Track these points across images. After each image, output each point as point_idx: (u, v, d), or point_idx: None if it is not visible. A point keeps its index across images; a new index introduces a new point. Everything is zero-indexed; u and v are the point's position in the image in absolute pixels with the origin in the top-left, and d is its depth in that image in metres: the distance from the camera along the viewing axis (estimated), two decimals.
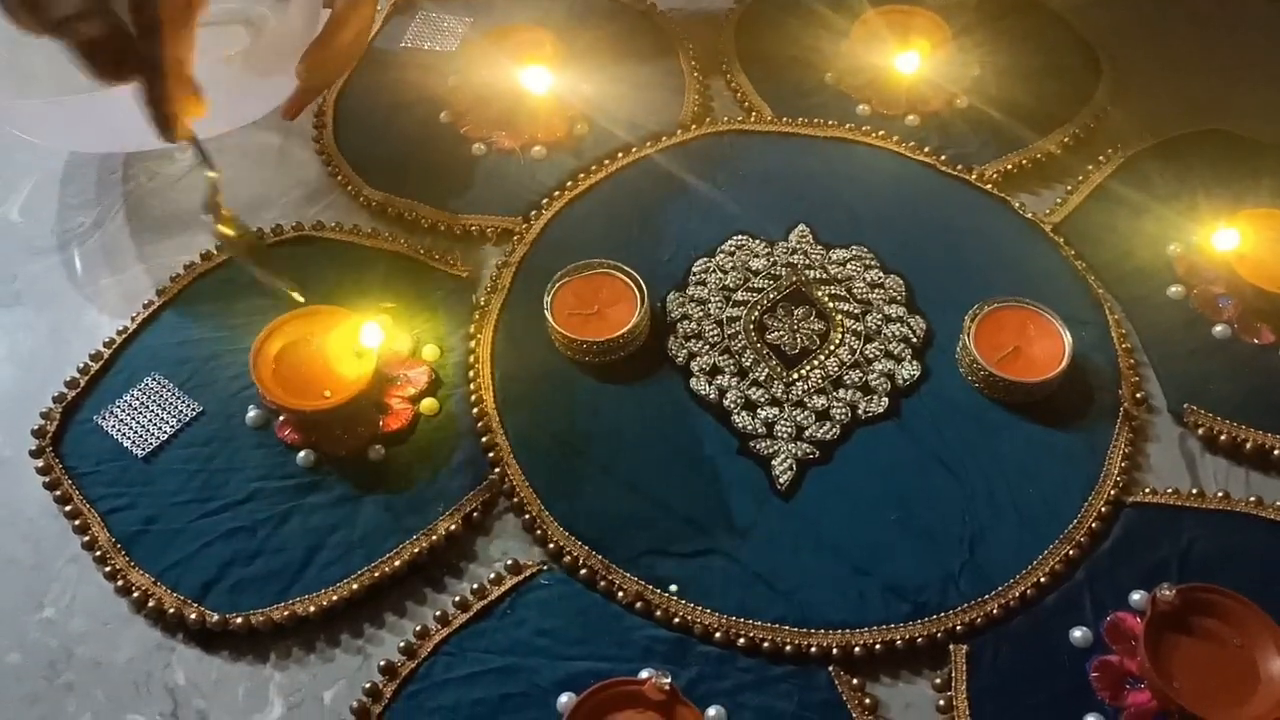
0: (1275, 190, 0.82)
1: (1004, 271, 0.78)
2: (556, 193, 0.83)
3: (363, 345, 0.71)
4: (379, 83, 0.90)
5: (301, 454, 0.69)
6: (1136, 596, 0.63)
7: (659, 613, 0.64)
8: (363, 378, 0.69)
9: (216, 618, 0.63)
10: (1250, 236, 0.75)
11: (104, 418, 0.71)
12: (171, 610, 0.64)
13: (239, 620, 0.63)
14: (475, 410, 0.72)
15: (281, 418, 0.70)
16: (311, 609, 0.64)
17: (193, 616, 0.63)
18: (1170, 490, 0.69)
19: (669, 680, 0.57)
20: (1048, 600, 0.65)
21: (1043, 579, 0.65)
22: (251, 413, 0.71)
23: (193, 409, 0.72)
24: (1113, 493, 0.68)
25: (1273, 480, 0.70)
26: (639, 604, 0.64)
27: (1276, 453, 0.70)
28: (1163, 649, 0.60)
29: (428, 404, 0.72)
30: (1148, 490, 0.69)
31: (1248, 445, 0.70)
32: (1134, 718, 0.60)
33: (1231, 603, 0.60)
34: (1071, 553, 0.66)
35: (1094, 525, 0.67)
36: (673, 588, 0.64)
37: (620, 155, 0.85)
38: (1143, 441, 0.72)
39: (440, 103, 0.88)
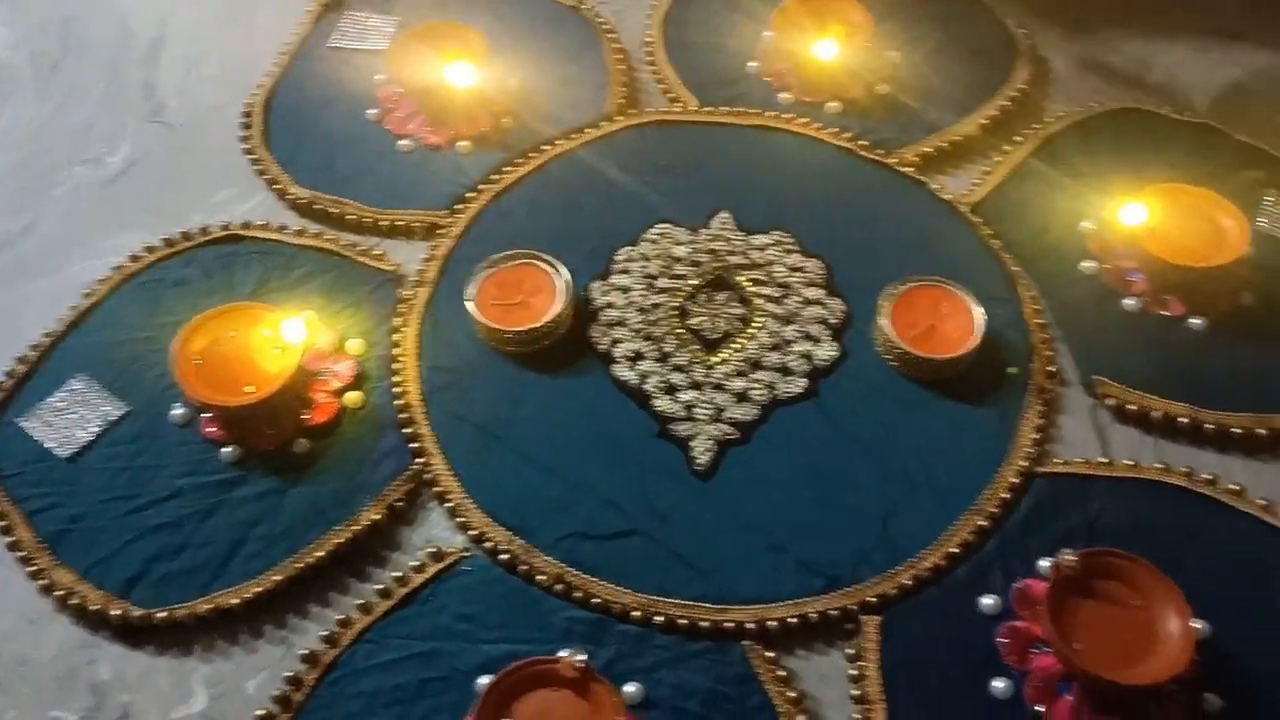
0: (1187, 165, 0.83)
1: (922, 252, 0.80)
2: (482, 186, 0.84)
3: (285, 340, 0.71)
4: (306, 83, 0.91)
5: (226, 450, 0.70)
6: (1044, 564, 0.65)
7: (579, 594, 0.65)
8: (284, 373, 0.70)
9: (140, 613, 0.64)
10: (1157, 211, 0.77)
11: (29, 420, 0.71)
12: (96, 607, 0.64)
13: (163, 615, 0.64)
14: (399, 402, 0.73)
15: (206, 415, 0.71)
16: (234, 601, 0.65)
17: (117, 613, 0.64)
18: (1080, 460, 0.71)
19: (583, 658, 0.58)
20: (959, 570, 0.66)
21: (954, 550, 0.66)
22: (176, 411, 0.72)
23: (119, 409, 0.72)
24: (1023, 464, 0.70)
25: (1180, 448, 0.72)
26: (559, 586, 0.65)
27: (1184, 421, 0.71)
28: (1066, 613, 0.61)
29: (352, 397, 0.73)
30: (1058, 461, 0.71)
31: (1154, 414, 0.72)
32: (1040, 681, 0.61)
33: (1132, 566, 0.62)
34: (982, 523, 0.67)
35: (1004, 496, 0.68)
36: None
37: (546, 148, 0.87)
38: (1054, 414, 0.73)
39: (368, 100, 0.89)
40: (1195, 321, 0.76)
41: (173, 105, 0.92)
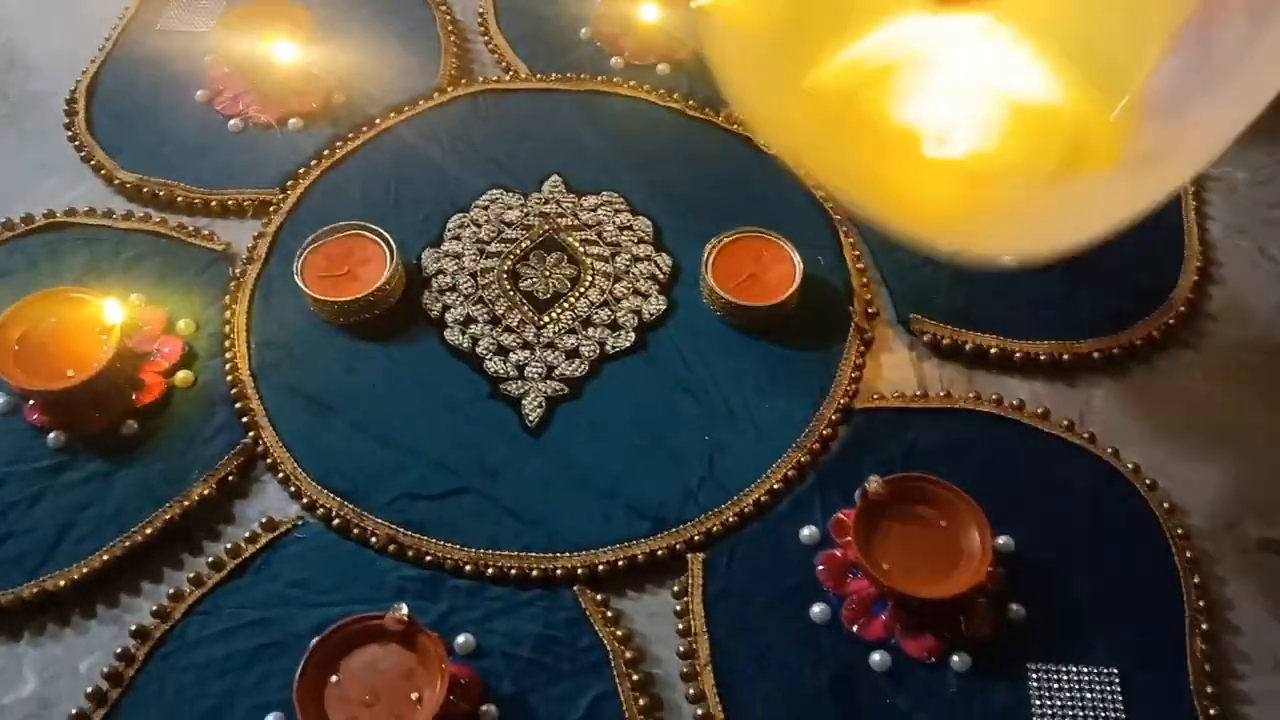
0: None
1: (749, 205, 0.82)
2: (314, 162, 0.84)
3: (105, 322, 0.71)
4: (133, 66, 0.90)
5: (52, 435, 0.70)
6: (859, 494, 0.67)
7: (411, 554, 0.66)
8: (104, 354, 0.69)
9: None
10: None
11: None
12: None
13: None
14: (230, 378, 0.73)
15: (30, 401, 0.70)
16: (62, 583, 0.64)
17: None
18: (897, 394, 0.74)
19: (404, 610, 0.59)
20: (780, 505, 0.68)
21: (776, 486, 0.69)
22: None
23: None
24: (843, 401, 0.72)
25: (992, 377, 0.75)
26: (391, 547, 0.66)
27: (994, 351, 0.75)
28: (875, 536, 0.64)
29: (182, 376, 0.73)
30: (877, 396, 0.74)
31: (967, 346, 0.75)
32: (856, 604, 0.64)
33: (935, 488, 0.65)
34: (803, 460, 0.70)
35: (825, 433, 0.71)
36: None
37: (378, 122, 0.87)
38: (875, 351, 0.76)
39: (196, 82, 0.89)
40: (1006, 257, 0.79)
41: None
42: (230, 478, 0.69)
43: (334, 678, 0.59)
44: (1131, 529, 0.67)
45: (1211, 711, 0.61)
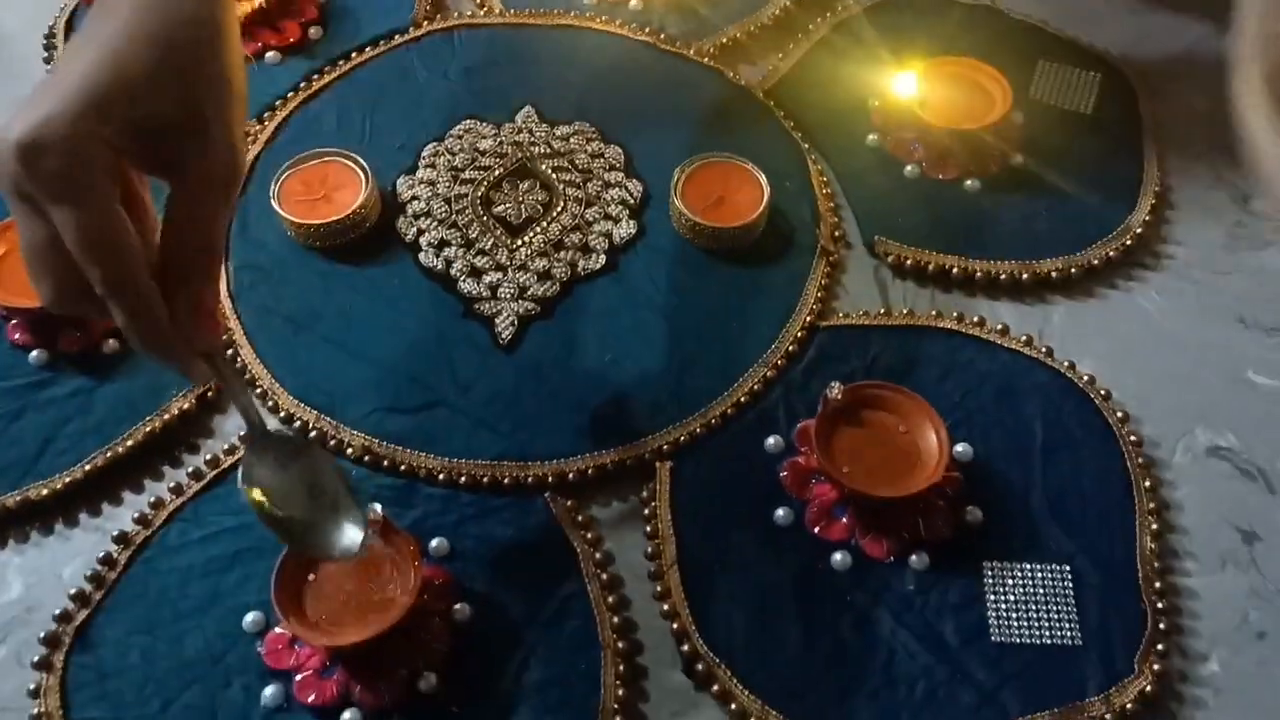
0: (970, 44, 0.88)
1: (717, 135, 0.84)
2: (290, 95, 0.85)
3: None
4: None
5: (34, 354, 0.71)
6: (821, 401, 0.69)
7: (386, 463, 0.68)
8: None
9: None
10: (929, 81, 0.82)
11: None
12: None
13: None
14: None
15: (11, 321, 0.72)
16: (45, 492, 0.66)
17: None
18: (861, 313, 0.76)
19: (379, 509, 0.61)
20: (746, 417, 0.70)
21: (742, 399, 0.71)
22: None
23: None
24: (808, 319, 0.74)
25: (953, 297, 0.77)
26: (367, 457, 0.68)
27: (956, 271, 0.77)
28: (836, 443, 0.66)
29: None
30: (841, 315, 0.76)
31: (930, 267, 0.77)
32: (818, 508, 0.66)
33: (895, 395, 0.67)
34: (769, 374, 0.72)
35: (790, 349, 0.73)
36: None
37: (354, 56, 0.88)
38: (840, 274, 0.78)
39: None
40: (970, 183, 0.81)
41: None
42: (209, 394, 0.71)
43: (311, 576, 0.61)
44: (1086, 437, 0.69)
45: (1159, 604, 0.63)
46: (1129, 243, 0.78)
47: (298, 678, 0.60)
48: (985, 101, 0.82)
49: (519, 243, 0.77)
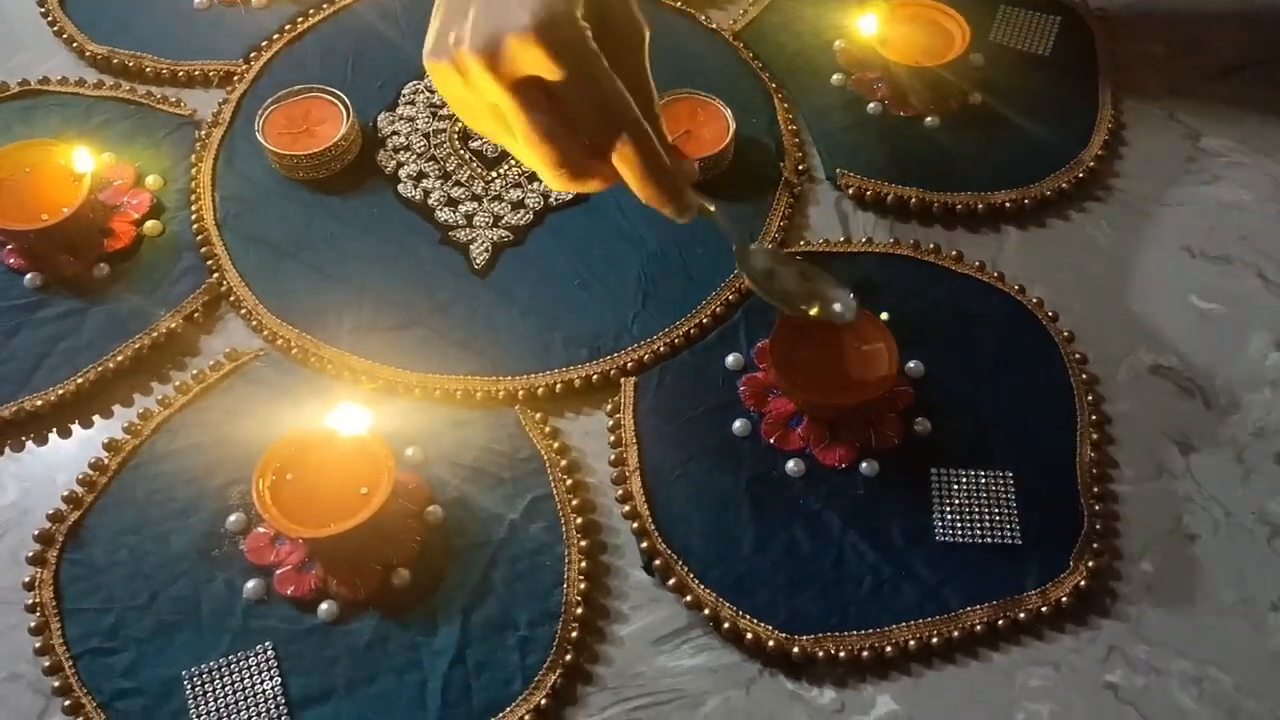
0: None
1: (689, 76, 0.86)
2: (275, 36, 0.88)
3: (77, 171, 0.75)
4: None
5: (28, 276, 0.74)
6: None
7: (363, 378, 0.71)
8: (76, 198, 0.74)
9: None
10: (890, 22, 0.85)
11: None
12: None
13: None
14: (195, 227, 0.77)
15: (7, 245, 0.75)
16: (39, 403, 0.70)
17: None
18: (823, 241, 0.79)
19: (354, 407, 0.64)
20: (709, 337, 0.74)
21: (704, 320, 0.74)
22: None
23: None
24: (772, 245, 0.77)
25: (911, 227, 0.80)
26: (346, 373, 0.71)
27: (914, 202, 0.80)
28: (793, 357, 0.69)
29: (151, 226, 0.78)
30: (803, 243, 0.79)
31: (889, 198, 0.80)
32: (774, 419, 0.69)
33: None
34: (731, 298, 0.75)
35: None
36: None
37: (337, 0, 0.91)
38: (804, 206, 0.81)
39: None
40: (930, 120, 0.84)
41: None
42: (196, 315, 0.74)
43: (289, 475, 0.64)
44: (1033, 354, 0.73)
45: (1096, 508, 0.66)
46: (1081, 175, 0.81)
47: (278, 572, 0.63)
48: (945, 41, 0.85)
49: (494, 175, 0.81)
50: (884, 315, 0.71)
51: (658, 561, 0.64)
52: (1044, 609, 0.63)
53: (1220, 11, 0.92)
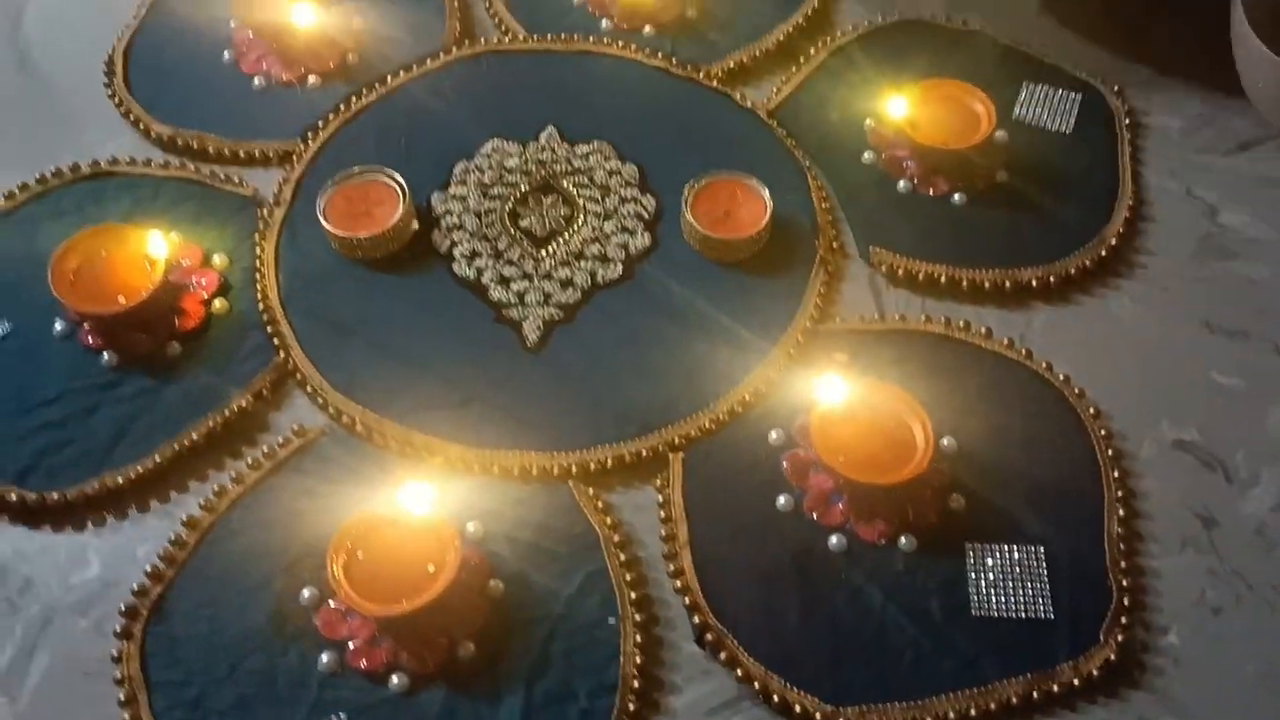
0: (959, 68, 0.95)
1: (725, 154, 0.90)
2: (331, 116, 0.93)
3: (150, 255, 0.79)
4: (165, 31, 0.99)
5: (105, 355, 0.79)
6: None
7: (425, 455, 0.75)
8: (152, 281, 0.78)
9: (34, 496, 0.72)
10: (919, 104, 0.89)
11: None
12: None
13: (55, 496, 0.73)
14: (261, 306, 0.81)
15: (86, 325, 0.79)
16: (120, 480, 0.74)
17: (12, 498, 0.72)
18: (857, 317, 0.83)
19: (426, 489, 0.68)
20: (752, 413, 0.77)
21: (748, 396, 0.78)
22: (57, 325, 0.80)
23: (2, 329, 0.80)
24: (808, 324, 0.81)
25: (941, 303, 0.84)
26: (408, 449, 0.75)
27: (943, 279, 0.84)
28: (833, 435, 0.73)
29: (219, 304, 0.82)
30: (838, 319, 0.83)
31: (920, 275, 0.84)
32: (816, 495, 0.73)
33: (886, 392, 0.74)
34: (772, 375, 0.79)
35: (791, 351, 0.80)
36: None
37: (389, 79, 0.95)
38: (837, 282, 0.85)
39: (223, 44, 0.97)
40: (957, 197, 0.88)
41: (38, 58, 0.99)
42: (264, 392, 0.78)
43: (360, 553, 0.68)
44: (1061, 431, 0.76)
45: (1124, 582, 0.70)
46: (1104, 253, 0.85)
47: (352, 646, 0.67)
48: (972, 122, 0.89)
49: (544, 253, 0.85)
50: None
51: (709, 635, 0.68)
52: (1076, 682, 0.66)
53: (1235, 86, 0.95)
